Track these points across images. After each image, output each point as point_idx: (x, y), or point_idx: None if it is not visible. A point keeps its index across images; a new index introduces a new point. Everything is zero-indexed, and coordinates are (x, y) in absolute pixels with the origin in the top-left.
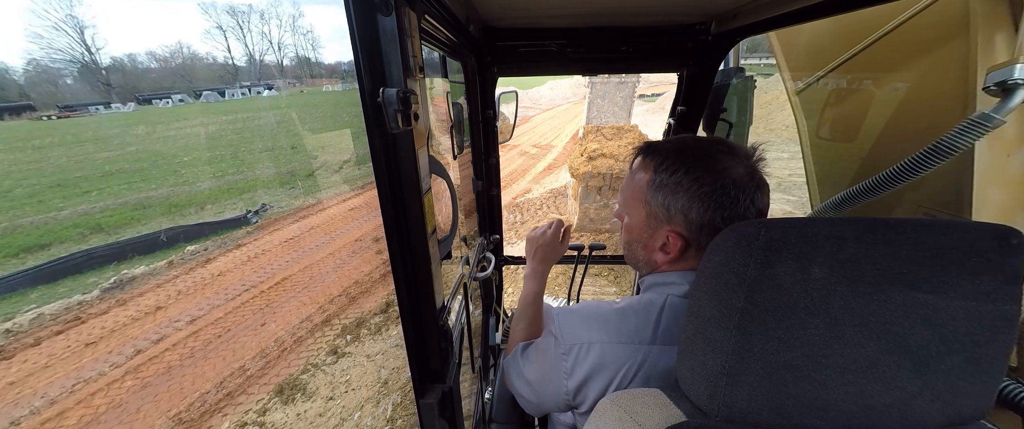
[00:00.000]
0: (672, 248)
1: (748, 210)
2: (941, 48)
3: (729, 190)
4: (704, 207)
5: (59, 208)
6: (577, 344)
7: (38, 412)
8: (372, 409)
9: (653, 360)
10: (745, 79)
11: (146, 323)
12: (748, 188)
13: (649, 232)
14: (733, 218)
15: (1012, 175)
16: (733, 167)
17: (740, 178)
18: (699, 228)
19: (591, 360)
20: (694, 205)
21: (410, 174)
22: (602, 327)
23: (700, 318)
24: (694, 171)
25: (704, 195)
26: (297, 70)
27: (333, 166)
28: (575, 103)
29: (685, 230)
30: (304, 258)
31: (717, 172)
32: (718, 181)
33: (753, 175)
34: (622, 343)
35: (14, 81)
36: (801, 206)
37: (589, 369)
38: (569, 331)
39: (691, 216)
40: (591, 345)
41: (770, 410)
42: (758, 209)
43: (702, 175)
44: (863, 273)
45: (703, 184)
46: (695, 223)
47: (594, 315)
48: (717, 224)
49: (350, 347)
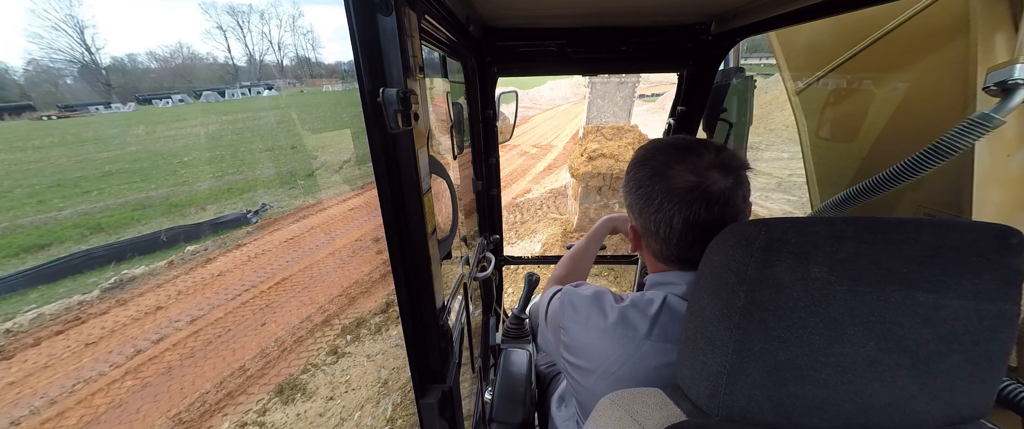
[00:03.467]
0: (631, 238)
1: (673, 220)
2: (941, 48)
3: (655, 197)
4: (640, 207)
5: (59, 208)
6: (574, 323)
7: (38, 412)
8: (372, 409)
9: (644, 354)
10: (745, 79)
11: (146, 323)
12: (685, 200)
13: (630, 223)
14: (659, 224)
15: (1012, 175)
16: (679, 175)
17: (677, 189)
18: (642, 227)
19: (580, 340)
20: (635, 205)
21: (410, 174)
22: (600, 313)
23: (700, 317)
24: (640, 173)
25: (640, 197)
26: (297, 70)
27: (333, 166)
28: (575, 103)
29: (636, 225)
30: (304, 258)
31: (657, 178)
32: (654, 187)
33: (698, 187)
34: (616, 333)
35: (14, 81)
36: (801, 206)
37: (581, 350)
38: (569, 310)
39: (635, 213)
40: (589, 328)
41: (770, 409)
42: (691, 222)
43: (644, 179)
44: (863, 273)
45: (641, 185)
46: (639, 221)
47: (595, 300)
48: (648, 227)
49: (350, 347)
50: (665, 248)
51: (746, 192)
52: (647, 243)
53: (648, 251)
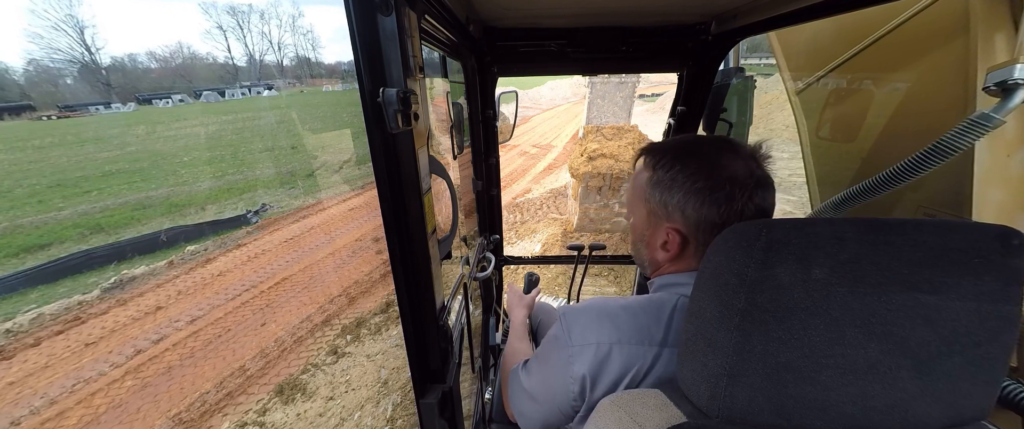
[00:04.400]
0: (672, 246)
1: (746, 207)
2: (941, 48)
3: (724, 186)
4: (699, 202)
5: (59, 208)
6: (586, 344)
7: (38, 412)
8: (372, 409)
9: (664, 363)
10: (745, 79)
11: (146, 323)
12: (747, 185)
13: (651, 230)
14: (730, 214)
15: (1012, 175)
16: (731, 163)
17: (738, 174)
18: (697, 224)
19: (599, 360)
20: (690, 200)
21: (410, 174)
22: (612, 326)
23: (701, 319)
24: (690, 166)
25: (699, 190)
26: (297, 70)
27: (333, 166)
28: (575, 103)
29: (683, 226)
30: (304, 258)
31: (713, 167)
32: (714, 176)
33: (753, 173)
34: (632, 343)
35: (14, 81)
36: (801, 206)
37: (597, 370)
38: (577, 331)
39: (688, 212)
40: (601, 345)
41: (771, 411)
42: (758, 207)
43: (698, 170)
44: (864, 274)
45: (697, 179)
46: (692, 219)
47: (603, 313)
48: (714, 220)
49: (350, 347)
50: None
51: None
52: (702, 242)
53: (697, 255)
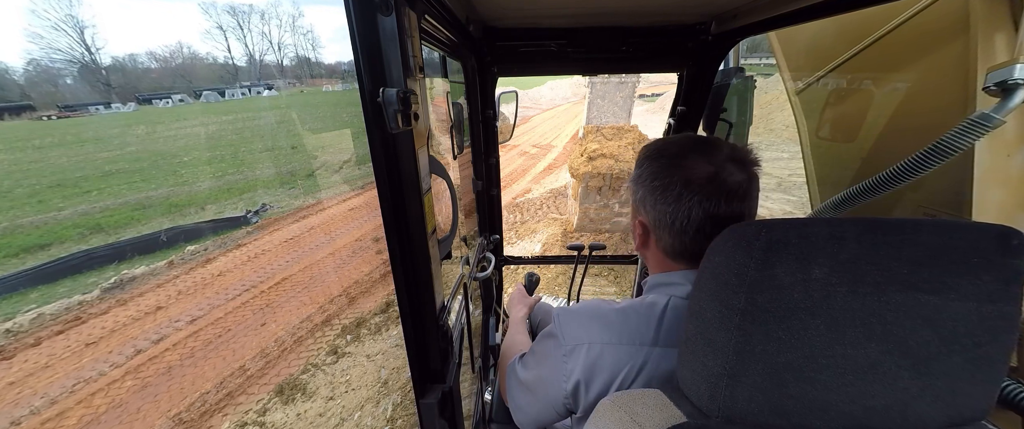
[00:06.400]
0: (636, 236)
1: (694, 211)
2: (941, 48)
3: (675, 187)
4: (654, 200)
5: (59, 208)
6: (578, 344)
7: (38, 412)
8: (372, 409)
9: (655, 362)
10: (745, 79)
11: (146, 323)
12: (701, 189)
13: (633, 221)
14: (677, 215)
15: (1012, 175)
16: (694, 166)
17: (694, 178)
18: (654, 221)
19: (592, 361)
20: (648, 198)
21: (410, 174)
22: (604, 327)
23: (700, 319)
24: (654, 165)
25: (655, 189)
26: (297, 70)
27: (333, 166)
28: (575, 103)
29: (647, 221)
30: (304, 258)
31: (672, 168)
32: (669, 177)
33: (717, 178)
34: (623, 344)
35: (14, 81)
36: (801, 206)
37: (590, 370)
38: (570, 331)
39: (647, 208)
40: (592, 345)
41: (771, 411)
42: (708, 213)
43: (658, 170)
44: (864, 274)
45: (656, 178)
46: (651, 215)
47: (596, 315)
48: (664, 219)
49: (350, 347)
50: (679, 242)
51: (758, 190)
52: (658, 238)
53: (658, 247)
